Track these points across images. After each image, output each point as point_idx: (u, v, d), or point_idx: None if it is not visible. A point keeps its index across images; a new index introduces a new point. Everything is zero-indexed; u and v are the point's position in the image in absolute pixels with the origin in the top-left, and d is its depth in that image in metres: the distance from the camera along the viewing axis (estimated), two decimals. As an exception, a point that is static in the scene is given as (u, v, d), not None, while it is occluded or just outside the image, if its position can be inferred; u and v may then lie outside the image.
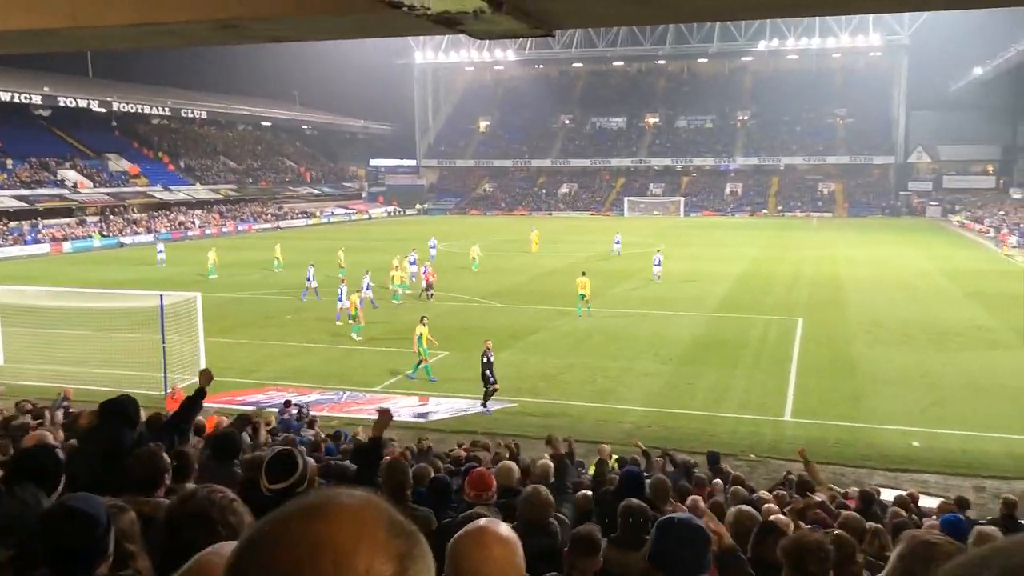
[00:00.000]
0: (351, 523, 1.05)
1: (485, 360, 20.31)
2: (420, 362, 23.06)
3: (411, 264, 39.92)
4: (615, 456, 13.42)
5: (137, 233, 71.49)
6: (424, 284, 36.05)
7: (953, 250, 56.68)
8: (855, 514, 7.86)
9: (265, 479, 4.61)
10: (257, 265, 49.18)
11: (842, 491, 12.85)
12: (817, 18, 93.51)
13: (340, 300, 30.10)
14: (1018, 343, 26.97)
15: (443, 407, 21.02)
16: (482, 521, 1.91)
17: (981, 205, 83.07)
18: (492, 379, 20.37)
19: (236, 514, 2.57)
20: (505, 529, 1.91)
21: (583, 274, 32.64)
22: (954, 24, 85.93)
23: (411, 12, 4.23)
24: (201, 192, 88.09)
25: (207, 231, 77.05)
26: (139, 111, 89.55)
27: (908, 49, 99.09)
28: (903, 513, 10.13)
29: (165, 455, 4.63)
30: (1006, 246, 56.61)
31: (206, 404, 19.05)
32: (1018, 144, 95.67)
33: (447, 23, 4.62)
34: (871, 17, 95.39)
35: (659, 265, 40.89)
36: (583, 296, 31.76)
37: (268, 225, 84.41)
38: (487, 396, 20.40)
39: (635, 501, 5.10)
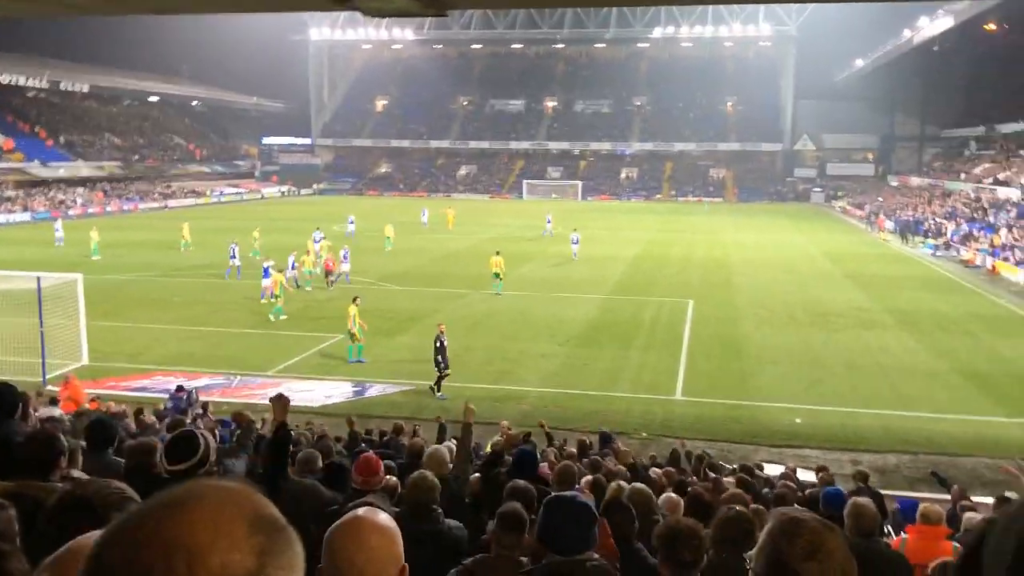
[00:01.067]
0: (209, 519, 1.02)
1: (438, 344, 20.02)
2: (354, 343, 22.79)
3: (315, 243, 38.77)
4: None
5: (12, 211, 67.74)
6: (325, 271, 34.88)
7: (835, 234, 59.21)
8: (740, 491, 8.13)
9: (165, 460, 4.53)
10: (142, 245, 47.42)
11: (729, 467, 13.33)
12: (710, 7, 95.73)
13: (265, 277, 29.58)
14: (892, 323, 28.42)
15: (339, 391, 20.78)
16: (360, 510, 1.86)
17: (861, 191, 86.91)
18: (443, 364, 20.02)
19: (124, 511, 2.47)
20: (384, 518, 1.85)
21: (497, 253, 32.90)
22: (839, 17, 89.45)
23: (299, -13, 4.12)
24: (83, 169, 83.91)
25: (90, 210, 73.55)
26: (14, 82, 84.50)
27: (796, 40, 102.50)
28: (792, 486, 10.58)
29: (63, 437, 4.41)
30: (882, 230, 59.48)
31: (89, 390, 18.04)
32: (896, 134, 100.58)
33: None
34: (761, 8, 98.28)
35: (576, 243, 41.74)
36: (497, 275, 32.03)
37: (155, 204, 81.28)
38: (438, 381, 20.12)
39: (520, 482, 5.14)
